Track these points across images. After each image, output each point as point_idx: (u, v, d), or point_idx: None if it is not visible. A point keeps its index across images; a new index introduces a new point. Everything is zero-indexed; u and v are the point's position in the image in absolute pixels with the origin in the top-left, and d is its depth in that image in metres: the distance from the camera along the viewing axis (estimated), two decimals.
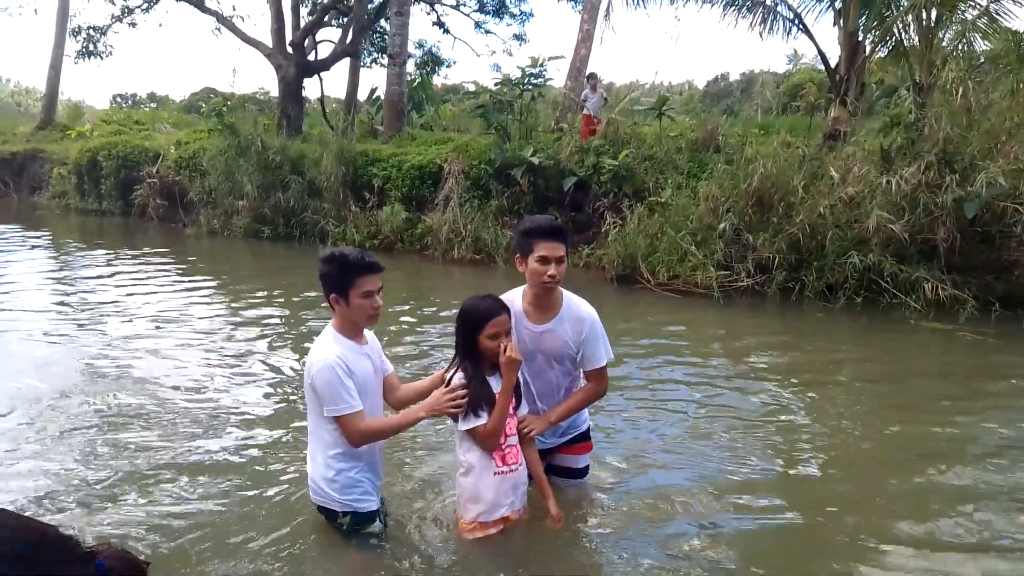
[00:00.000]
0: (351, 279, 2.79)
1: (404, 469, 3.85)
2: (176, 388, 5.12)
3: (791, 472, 4.01)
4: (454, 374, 2.91)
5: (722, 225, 8.57)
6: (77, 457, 3.96)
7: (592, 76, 13.86)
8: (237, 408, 4.80)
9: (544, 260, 2.89)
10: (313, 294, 8.35)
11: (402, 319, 7.20)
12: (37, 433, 4.31)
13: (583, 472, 3.41)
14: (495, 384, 2.88)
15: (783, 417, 4.83)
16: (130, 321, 7.07)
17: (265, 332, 6.77)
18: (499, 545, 2.98)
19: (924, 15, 9.30)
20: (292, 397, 5.05)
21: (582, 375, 3.23)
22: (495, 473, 2.91)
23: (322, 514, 2.98)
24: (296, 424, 4.51)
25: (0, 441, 4.17)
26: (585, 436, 3.37)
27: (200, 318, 7.33)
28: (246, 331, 6.79)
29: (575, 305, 3.06)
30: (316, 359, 2.79)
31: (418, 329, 6.93)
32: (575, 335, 3.02)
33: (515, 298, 3.08)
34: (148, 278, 9.47)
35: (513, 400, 2.95)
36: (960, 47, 9.79)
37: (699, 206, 9.02)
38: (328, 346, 2.82)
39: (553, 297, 3.03)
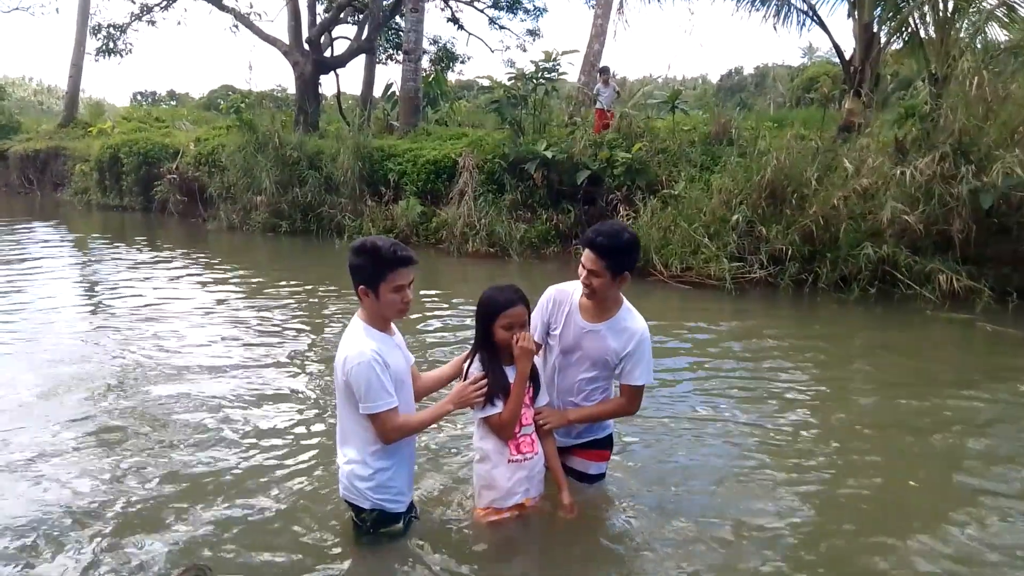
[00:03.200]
0: (382, 272, 2.68)
1: (421, 454, 3.92)
2: (196, 382, 5.23)
3: (807, 465, 4.01)
4: (471, 363, 2.96)
5: (735, 217, 8.59)
6: (101, 455, 4.03)
7: (604, 70, 13.88)
8: (258, 399, 4.91)
9: (581, 266, 2.94)
10: (333, 287, 8.49)
11: (416, 312, 7.29)
12: (62, 426, 4.43)
13: (594, 479, 3.35)
14: (512, 374, 2.90)
15: (800, 408, 4.86)
16: (154, 315, 7.21)
17: (286, 325, 6.91)
18: (512, 531, 3.04)
19: (941, 5, 9.25)
20: (313, 387, 5.17)
21: (612, 391, 3.18)
22: (510, 461, 2.95)
23: (349, 507, 2.96)
24: (321, 415, 4.63)
25: (21, 437, 4.28)
26: (603, 444, 3.31)
27: (221, 312, 7.47)
28: (267, 325, 6.92)
29: (629, 316, 3.05)
30: (351, 353, 2.68)
31: (432, 321, 7.02)
32: (619, 346, 2.99)
33: (575, 289, 3.09)
34: (170, 272, 9.65)
35: (531, 390, 2.98)
36: (977, 37, 9.72)
37: (712, 199, 9.05)
38: (362, 340, 2.71)
39: (608, 302, 3.02)
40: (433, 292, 8.29)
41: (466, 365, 2.98)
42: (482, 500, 3.03)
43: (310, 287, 8.65)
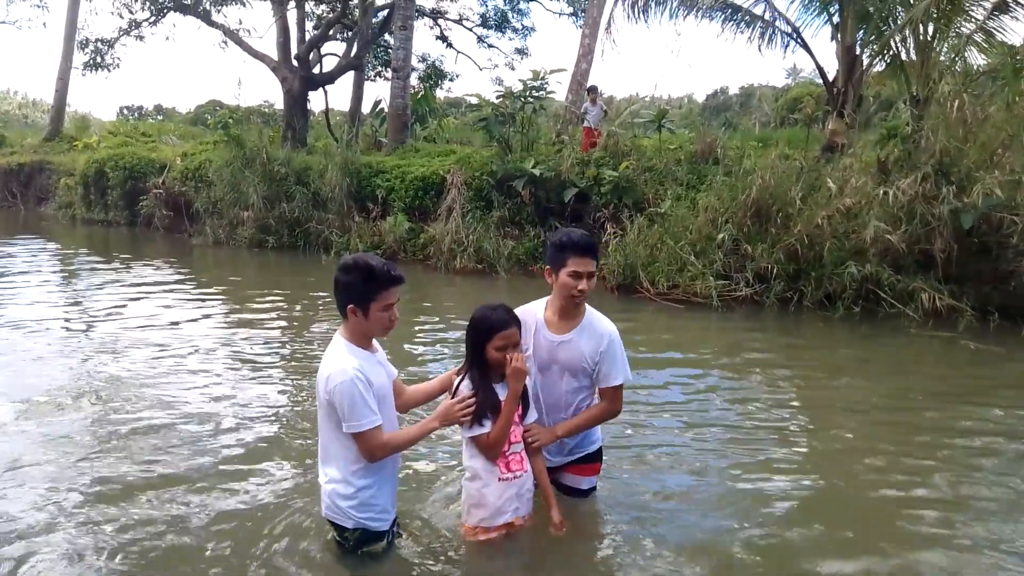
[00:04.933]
0: (374, 291, 2.67)
1: (408, 472, 3.91)
2: (182, 399, 5.18)
3: (795, 481, 4.03)
4: (461, 381, 2.95)
5: (721, 235, 8.66)
6: (73, 470, 3.97)
7: (592, 89, 14.03)
8: (243, 417, 4.88)
9: (576, 275, 2.95)
10: (318, 304, 8.45)
11: (403, 328, 7.27)
12: (36, 442, 4.38)
13: (587, 493, 3.38)
14: (502, 392, 2.91)
15: (786, 424, 4.88)
16: (137, 331, 7.13)
17: (271, 341, 6.87)
18: (502, 550, 3.02)
19: (921, 29, 9.43)
20: (298, 407, 5.14)
21: (596, 397, 3.21)
22: (500, 479, 2.94)
23: (332, 526, 2.94)
24: (302, 434, 4.60)
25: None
26: (593, 457, 3.33)
27: (207, 327, 7.42)
28: (252, 341, 6.87)
29: (596, 320, 3.09)
30: (333, 372, 2.66)
31: (419, 337, 7.01)
32: (592, 350, 3.03)
33: (539, 308, 3.14)
34: (155, 288, 9.56)
35: (520, 408, 2.98)
36: (957, 61, 9.92)
37: (698, 217, 9.12)
38: (344, 358, 2.69)
39: (575, 309, 3.08)
40: (421, 308, 8.28)
41: (456, 381, 2.98)
42: (471, 518, 3.02)
43: (295, 303, 8.62)
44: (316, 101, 23.26)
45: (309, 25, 19.18)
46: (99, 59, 20.25)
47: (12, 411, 4.84)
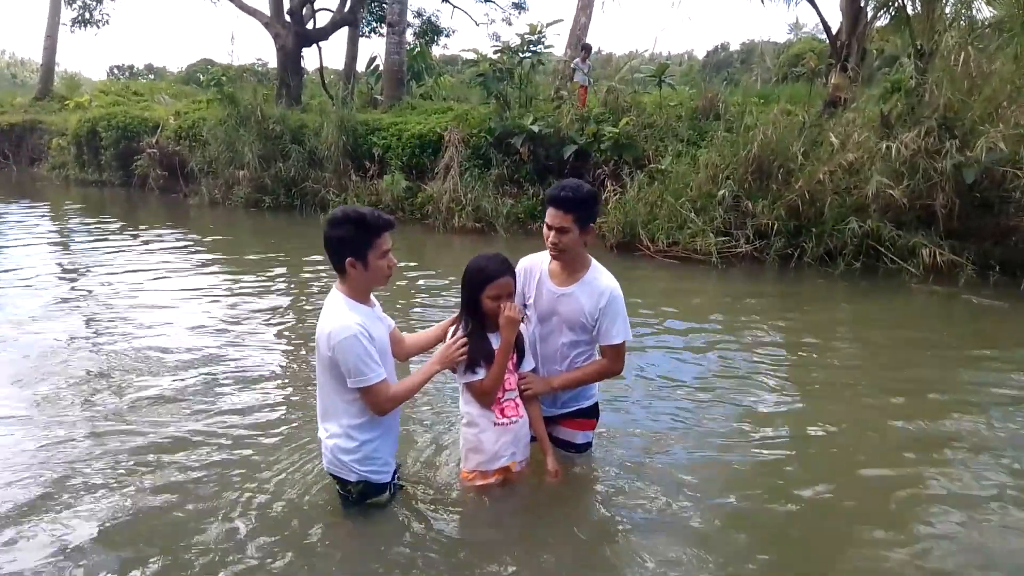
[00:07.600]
0: (369, 240, 2.65)
1: (410, 418, 3.94)
2: (178, 357, 5.15)
3: (790, 436, 4.04)
4: (456, 330, 2.97)
5: (721, 192, 8.59)
6: (71, 438, 3.89)
7: (586, 47, 13.89)
8: (240, 374, 4.88)
9: (547, 226, 2.93)
10: (315, 262, 8.41)
11: (402, 287, 7.26)
12: (41, 406, 4.40)
13: (582, 448, 3.35)
14: (496, 341, 2.91)
15: (785, 380, 4.89)
16: (132, 293, 7.10)
17: (268, 299, 6.86)
18: (498, 495, 3.06)
19: None
20: (296, 364, 5.15)
21: (596, 354, 3.17)
22: (495, 424, 2.97)
23: (334, 480, 2.95)
24: (301, 389, 4.61)
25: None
26: (588, 413, 3.31)
27: (202, 286, 7.39)
28: (250, 300, 6.86)
29: (599, 275, 3.04)
30: (335, 328, 2.63)
31: (418, 297, 7.00)
32: (592, 305, 2.99)
33: (545, 258, 3.11)
34: (153, 248, 9.52)
35: (515, 356, 2.99)
36: (963, 13, 9.72)
37: (699, 173, 9.03)
38: (345, 314, 2.67)
39: (577, 263, 3.03)
40: (419, 267, 8.25)
41: (451, 330, 3.00)
42: (468, 463, 3.06)
43: (293, 262, 8.58)
44: (310, 58, 22.85)
45: None
46: (87, 15, 19.86)
47: (10, 368, 4.86)
